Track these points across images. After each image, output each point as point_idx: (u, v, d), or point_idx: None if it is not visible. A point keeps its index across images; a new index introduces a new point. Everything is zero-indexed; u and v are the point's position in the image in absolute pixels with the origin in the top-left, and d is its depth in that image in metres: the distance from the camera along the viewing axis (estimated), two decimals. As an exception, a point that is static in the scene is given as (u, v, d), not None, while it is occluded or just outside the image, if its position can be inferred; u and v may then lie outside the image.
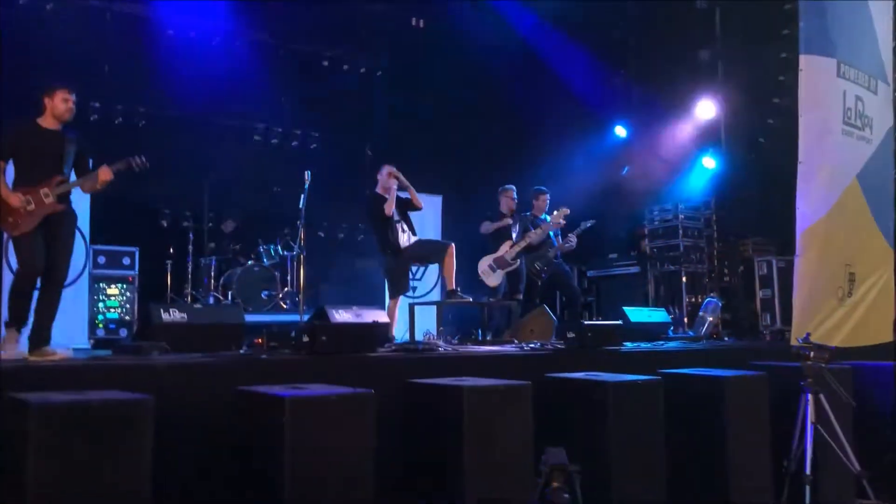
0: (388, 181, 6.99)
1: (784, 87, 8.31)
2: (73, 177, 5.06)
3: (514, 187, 8.05)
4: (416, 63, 10.53)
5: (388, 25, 10.46)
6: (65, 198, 4.91)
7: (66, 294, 7.41)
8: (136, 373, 3.68)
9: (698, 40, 9.81)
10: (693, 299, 9.28)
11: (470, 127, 10.61)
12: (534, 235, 7.80)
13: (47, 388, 3.16)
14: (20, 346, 4.63)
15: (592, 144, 10.59)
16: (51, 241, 4.81)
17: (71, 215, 5.00)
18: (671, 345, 6.59)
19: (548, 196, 8.28)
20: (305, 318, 6.23)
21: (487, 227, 7.89)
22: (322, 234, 10.19)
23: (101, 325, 7.71)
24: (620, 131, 10.88)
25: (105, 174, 4.99)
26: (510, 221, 7.90)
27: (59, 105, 4.97)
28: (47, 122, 4.99)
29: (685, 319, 9.02)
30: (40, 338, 4.65)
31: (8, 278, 4.98)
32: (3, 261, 7.17)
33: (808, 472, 4.39)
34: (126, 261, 7.94)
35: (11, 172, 4.93)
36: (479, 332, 7.08)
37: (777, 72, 8.71)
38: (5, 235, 4.87)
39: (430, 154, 10.02)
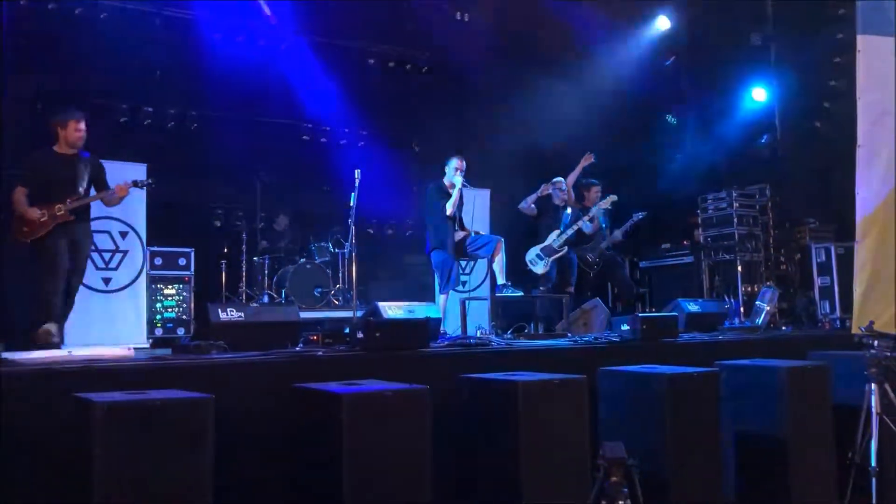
0: (455, 176, 7.01)
1: (840, 68, 8.09)
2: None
3: (562, 180, 8.01)
4: (460, 57, 10.52)
5: (433, 20, 10.45)
6: (78, 211, 5.49)
7: (125, 295, 7.74)
8: (196, 372, 3.75)
9: (750, 23, 9.58)
10: (749, 289, 9.10)
11: (515, 120, 10.55)
12: (581, 224, 7.75)
13: (111, 387, 3.24)
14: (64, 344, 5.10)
15: (643, 133, 10.45)
16: (72, 252, 5.46)
17: (85, 226, 5.63)
18: (727, 336, 6.48)
19: (599, 188, 8.21)
20: (358, 314, 6.28)
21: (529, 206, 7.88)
22: (371, 231, 10.25)
23: (159, 325, 7.87)
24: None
25: (122, 191, 5.66)
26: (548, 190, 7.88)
27: (72, 134, 5.52)
28: (62, 148, 5.56)
29: (741, 309, 8.84)
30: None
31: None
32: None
33: (873, 464, 4.29)
34: (182, 261, 8.09)
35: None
36: (532, 325, 7.05)
37: (833, 53, 8.48)
38: None
39: (477, 146, 10.00)
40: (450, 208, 6.97)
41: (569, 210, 7.92)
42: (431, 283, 8.49)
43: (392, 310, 5.14)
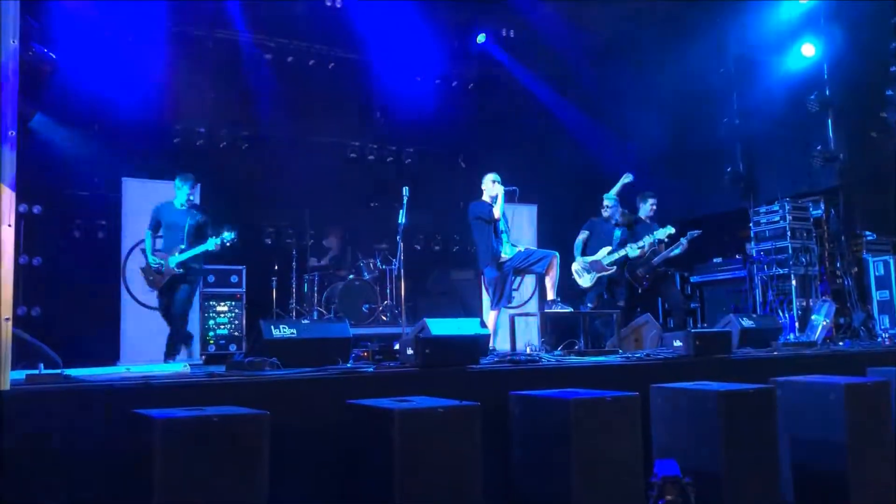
0: (494, 188, 7.03)
1: (897, 78, 7.93)
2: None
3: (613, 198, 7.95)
4: (506, 74, 10.57)
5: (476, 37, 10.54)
6: (184, 263, 6.77)
7: (179, 312, 7.91)
8: (251, 388, 3.79)
9: (802, 33, 9.43)
10: (804, 303, 8.89)
11: (561, 135, 10.54)
12: (628, 249, 7.66)
13: (169, 404, 3.30)
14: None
15: (695, 145, 10.31)
16: (174, 294, 6.81)
17: (192, 274, 6.91)
18: (783, 351, 6.33)
19: (655, 201, 8.10)
20: (406, 330, 6.30)
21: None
22: (418, 248, 10.30)
23: (211, 342, 8.01)
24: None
25: (217, 246, 6.85)
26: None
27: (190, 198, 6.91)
28: (178, 202, 6.90)
29: (796, 324, 8.65)
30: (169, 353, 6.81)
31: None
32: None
33: (939, 483, 4.15)
34: (234, 279, 8.23)
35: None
36: (581, 342, 6.98)
37: (889, 62, 8.30)
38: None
39: (523, 163, 10.00)
40: (495, 212, 6.98)
41: (619, 232, 7.85)
42: (479, 298, 8.51)
43: (441, 326, 5.14)
